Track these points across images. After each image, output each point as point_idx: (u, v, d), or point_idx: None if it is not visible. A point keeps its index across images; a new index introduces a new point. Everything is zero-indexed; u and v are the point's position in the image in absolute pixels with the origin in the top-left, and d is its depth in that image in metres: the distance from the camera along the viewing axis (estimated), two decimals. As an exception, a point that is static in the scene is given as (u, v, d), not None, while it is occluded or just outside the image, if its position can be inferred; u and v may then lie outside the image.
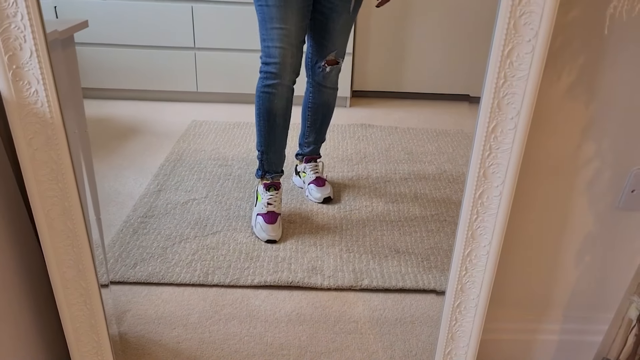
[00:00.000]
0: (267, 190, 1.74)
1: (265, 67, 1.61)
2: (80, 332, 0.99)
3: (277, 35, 1.56)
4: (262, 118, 1.67)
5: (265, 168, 1.75)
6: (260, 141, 1.71)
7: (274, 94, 1.63)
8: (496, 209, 0.89)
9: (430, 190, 1.98)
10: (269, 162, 1.75)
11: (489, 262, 0.93)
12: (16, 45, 0.76)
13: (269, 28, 1.56)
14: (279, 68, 1.60)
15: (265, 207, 1.71)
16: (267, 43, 1.59)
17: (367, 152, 2.26)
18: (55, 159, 0.84)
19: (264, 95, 1.63)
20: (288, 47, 1.59)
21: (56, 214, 0.88)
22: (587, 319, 1.24)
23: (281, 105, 1.65)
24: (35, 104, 0.80)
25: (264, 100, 1.64)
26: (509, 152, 0.84)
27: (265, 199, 1.73)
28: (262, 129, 1.69)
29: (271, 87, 1.62)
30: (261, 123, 1.68)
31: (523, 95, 0.79)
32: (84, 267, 0.93)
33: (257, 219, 1.71)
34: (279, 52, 1.58)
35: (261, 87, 1.63)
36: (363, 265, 1.58)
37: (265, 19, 1.56)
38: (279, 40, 1.57)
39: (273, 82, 1.61)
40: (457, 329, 1.01)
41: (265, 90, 1.63)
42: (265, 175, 1.76)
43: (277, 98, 1.64)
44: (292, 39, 1.59)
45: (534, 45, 0.76)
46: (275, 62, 1.59)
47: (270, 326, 1.37)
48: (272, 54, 1.59)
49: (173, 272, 1.52)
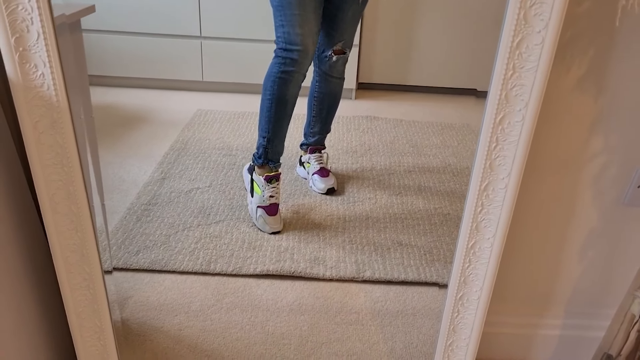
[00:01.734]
0: (269, 183, 1.71)
1: (285, 52, 1.58)
2: (82, 317, 0.99)
3: (299, 21, 1.54)
4: (274, 104, 1.63)
5: (269, 156, 1.72)
6: (267, 128, 1.68)
7: (290, 81, 1.60)
8: (501, 201, 0.88)
9: (434, 183, 1.97)
10: (273, 151, 1.72)
11: (493, 254, 0.93)
12: (23, 27, 0.76)
13: (289, 14, 1.53)
14: (301, 55, 1.57)
15: (268, 200, 1.69)
16: (287, 29, 1.55)
17: (372, 144, 2.26)
18: (60, 143, 0.84)
19: (280, 80, 1.60)
20: (309, 34, 1.57)
21: (61, 197, 0.88)
22: (589, 315, 1.24)
23: (294, 93, 1.63)
24: (41, 87, 0.80)
25: (279, 86, 1.61)
26: (516, 144, 0.83)
27: (267, 192, 1.70)
28: (271, 116, 1.66)
29: (289, 73, 1.59)
30: (272, 109, 1.65)
31: (531, 87, 0.79)
32: (87, 252, 0.93)
33: (258, 212, 1.69)
34: (301, 39, 1.56)
35: (277, 72, 1.60)
36: (365, 257, 1.58)
37: (284, 4, 1.53)
38: (300, 26, 1.55)
39: (291, 68, 1.58)
40: (459, 321, 1.01)
41: (282, 76, 1.60)
42: (267, 164, 1.73)
43: (292, 85, 1.61)
44: (312, 26, 1.57)
45: (543, 36, 0.75)
46: (298, 49, 1.56)
47: (271, 315, 1.37)
48: (293, 41, 1.56)
49: (176, 260, 1.52)
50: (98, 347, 1.03)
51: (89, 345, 1.02)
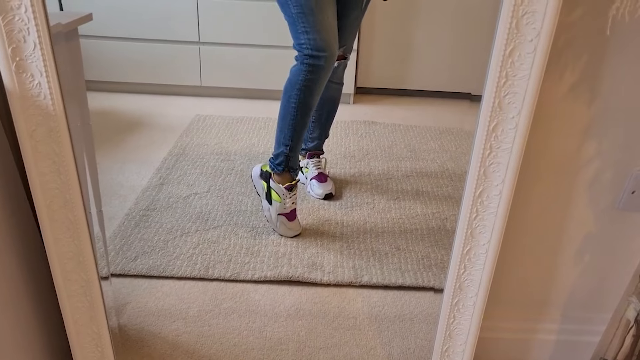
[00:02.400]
0: (289, 191, 1.67)
1: (312, 59, 1.53)
2: (80, 324, 0.99)
3: (324, 27, 1.52)
4: (300, 112, 1.59)
5: (291, 164, 1.68)
6: (291, 136, 1.63)
7: (316, 89, 1.58)
8: (496, 207, 0.89)
9: (432, 187, 1.98)
10: (294, 159, 1.68)
11: (488, 260, 0.94)
12: (20, 37, 0.77)
13: (312, 20, 1.50)
14: (329, 61, 1.54)
15: (289, 207, 1.68)
16: (313, 35, 1.51)
17: (370, 149, 2.27)
18: (57, 152, 0.85)
19: (306, 89, 1.56)
20: (334, 39, 1.55)
21: (57, 206, 0.89)
22: (585, 320, 1.24)
23: (316, 101, 1.62)
24: (38, 96, 0.80)
25: (306, 95, 1.57)
26: (509, 151, 0.84)
27: (289, 200, 1.67)
28: (296, 124, 1.61)
29: (315, 81, 1.56)
30: (297, 118, 1.60)
31: (524, 95, 0.79)
32: (84, 259, 0.94)
33: (279, 220, 1.67)
34: (328, 45, 1.53)
35: (304, 80, 1.55)
36: (363, 262, 1.59)
37: (306, 11, 1.49)
38: (326, 31, 1.52)
39: (318, 76, 1.55)
40: (454, 327, 1.01)
41: (308, 84, 1.56)
42: (289, 171, 1.69)
43: (318, 92, 1.59)
44: (335, 30, 1.56)
45: (535, 45, 0.76)
46: (325, 55, 1.52)
47: (269, 321, 1.37)
48: (320, 47, 1.52)
49: (174, 266, 1.53)
50: (96, 354, 1.03)
51: (86, 352, 1.03)
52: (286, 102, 1.61)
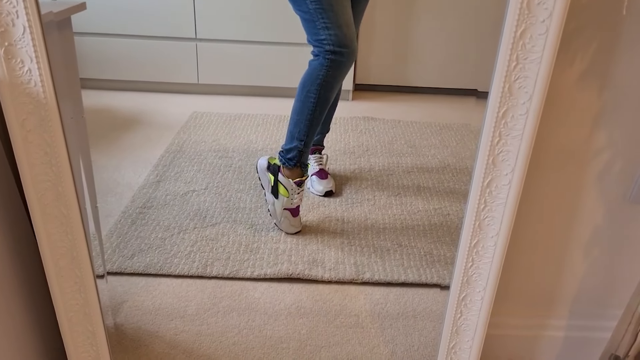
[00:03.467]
0: (299, 186, 1.64)
1: (335, 55, 1.50)
2: (74, 322, 0.96)
3: (344, 21, 1.50)
4: (319, 108, 1.57)
5: (303, 159, 1.65)
6: (306, 132, 1.60)
7: (335, 86, 1.56)
8: (505, 198, 0.86)
9: (433, 183, 1.94)
10: (306, 154, 1.66)
11: (497, 253, 0.90)
12: (8, 21, 0.73)
13: (332, 15, 1.48)
14: (351, 56, 1.53)
15: (295, 203, 1.65)
16: (335, 31, 1.49)
17: (370, 145, 2.23)
18: (48, 142, 0.81)
19: (327, 85, 1.54)
20: (354, 34, 1.53)
21: (50, 199, 0.85)
22: (595, 315, 1.21)
23: (334, 96, 1.60)
24: (28, 83, 0.77)
25: (326, 90, 1.55)
26: (520, 138, 0.81)
27: (297, 196, 1.64)
28: (313, 120, 1.59)
29: (336, 77, 1.54)
30: (316, 113, 1.58)
31: (535, 79, 0.76)
32: (78, 255, 0.90)
33: (284, 214, 1.64)
34: (350, 41, 1.51)
35: (325, 76, 1.53)
36: (365, 259, 1.55)
37: (325, 6, 1.47)
38: (347, 27, 1.51)
39: (340, 71, 1.54)
40: (462, 322, 0.98)
41: (330, 80, 1.54)
42: (300, 167, 1.65)
43: (336, 88, 1.58)
44: (353, 26, 1.54)
45: (548, 26, 0.73)
46: (348, 51, 1.51)
47: (269, 319, 1.34)
48: (343, 43, 1.50)
49: (171, 263, 1.49)
50: (91, 353, 1.00)
51: (81, 351, 0.99)
52: (304, 97, 1.58)
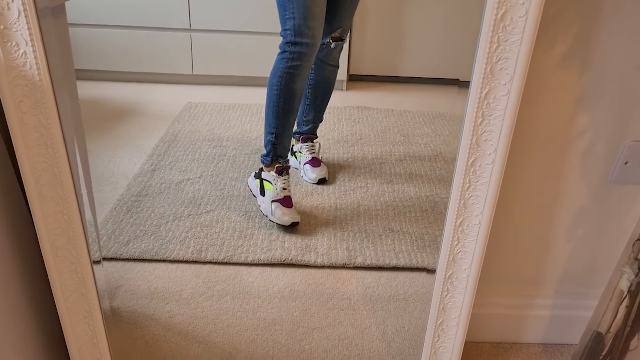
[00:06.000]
0: (280, 175, 1.67)
1: (294, 47, 1.55)
2: (71, 301, 0.98)
3: (310, 14, 1.52)
4: (283, 99, 1.60)
5: (278, 152, 1.68)
6: (276, 124, 1.64)
7: (299, 75, 1.58)
8: (488, 177, 0.88)
9: (425, 171, 1.97)
10: (282, 146, 1.68)
11: (481, 232, 0.93)
12: (3, 4, 0.75)
13: (302, 6, 1.51)
14: (311, 48, 1.56)
15: (282, 192, 1.66)
16: (298, 22, 1.52)
17: (363, 134, 2.26)
18: (44, 123, 0.83)
19: (288, 76, 1.57)
20: (319, 26, 1.56)
21: (46, 180, 0.87)
22: (580, 294, 1.24)
23: (301, 86, 1.62)
24: (23, 66, 0.79)
25: (287, 81, 1.58)
26: (502, 119, 0.83)
27: (280, 184, 1.66)
28: (280, 111, 1.62)
29: (297, 68, 1.57)
30: (280, 104, 1.61)
31: (516, 60, 0.79)
32: (74, 235, 0.93)
33: (273, 206, 1.65)
34: (312, 33, 1.54)
35: (286, 67, 1.57)
36: (357, 244, 1.58)
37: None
38: (312, 19, 1.53)
39: (300, 62, 1.56)
40: (448, 300, 1.01)
41: (291, 72, 1.57)
42: (277, 160, 1.69)
43: (301, 79, 1.60)
44: (322, 18, 1.56)
45: (527, 8, 0.75)
46: (308, 43, 1.54)
47: (263, 302, 1.37)
48: (304, 34, 1.53)
49: (166, 249, 1.52)
50: (87, 332, 1.02)
51: (78, 330, 1.01)
52: (269, 90, 1.62)
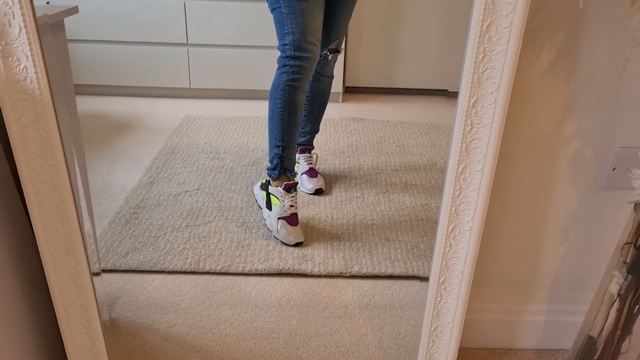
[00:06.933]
0: (288, 192, 1.67)
1: (294, 60, 1.57)
2: (70, 311, 1.00)
3: (309, 29, 1.56)
4: (287, 112, 1.62)
5: (285, 165, 1.68)
6: (281, 137, 1.65)
7: (300, 88, 1.61)
8: (478, 184, 0.90)
9: (420, 181, 1.99)
10: (289, 159, 1.69)
11: (472, 237, 0.95)
12: (5, 21, 0.78)
13: (301, 21, 1.54)
14: (310, 62, 1.58)
15: (289, 210, 1.66)
16: (298, 36, 1.55)
17: (359, 144, 2.28)
18: (44, 136, 0.86)
19: (290, 88, 1.60)
20: (317, 41, 1.59)
21: (46, 191, 0.89)
22: (573, 299, 1.26)
23: (303, 99, 1.65)
24: (24, 80, 0.81)
25: (289, 94, 1.60)
26: (490, 126, 0.86)
27: (287, 201, 1.66)
28: (284, 124, 1.64)
29: (298, 81, 1.59)
30: (284, 117, 1.63)
31: (502, 70, 0.81)
32: (73, 245, 0.94)
33: (279, 223, 1.65)
34: (311, 47, 1.57)
35: (287, 80, 1.59)
36: (353, 253, 1.60)
37: (296, 11, 1.54)
38: (310, 34, 1.56)
39: (300, 76, 1.59)
40: (442, 305, 1.02)
41: (292, 84, 1.59)
42: (285, 173, 1.69)
43: (302, 91, 1.62)
44: (319, 33, 1.60)
45: (511, 19, 0.78)
46: (307, 56, 1.57)
47: (260, 311, 1.38)
48: (303, 48, 1.56)
49: (165, 260, 1.53)
50: (87, 342, 1.04)
51: (77, 340, 1.03)
52: (272, 104, 1.64)
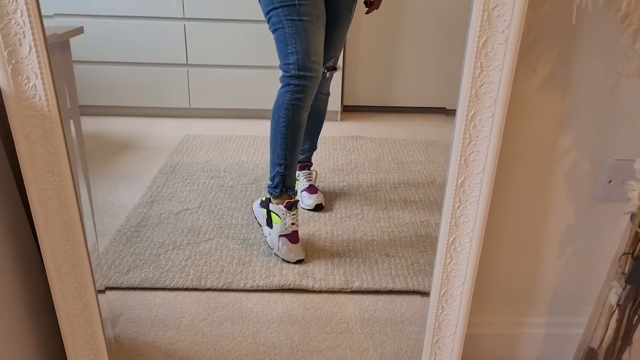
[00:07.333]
0: (289, 210, 1.68)
1: (298, 80, 1.59)
2: (75, 326, 1.00)
3: (312, 49, 1.58)
4: (290, 131, 1.64)
5: (287, 184, 1.70)
6: (284, 155, 1.66)
7: (303, 107, 1.63)
8: (477, 196, 0.92)
9: (419, 197, 2.01)
10: (290, 177, 1.70)
11: (472, 249, 0.96)
12: (15, 40, 0.80)
13: (305, 41, 1.57)
14: (314, 81, 1.61)
15: (290, 228, 1.67)
16: (301, 56, 1.57)
17: (358, 162, 2.30)
18: (52, 152, 0.87)
19: (294, 107, 1.61)
20: (320, 60, 1.62)
21: (52, 206, 0.91)
22: (573, 312, 1.27)
23: (305, 118, 1.66)
24: (33, 97, 0.83)
25: (293, 113, 1.62)
26: (488, 140, 0.88)
27: (289, 219, 1.67)
28: (288, 143, 1.65)
29: (301, 100, 1.61)
30: (288, 136, 1.64)
31: (499, 84, 0.84)
32: (78, 260, 0.96)
33: (280, 241, 1.65)
34: (315, 67, 1.59)
35: (291, 99, 1.61)
36: (354, 269, 1.61)
37: (300, 31, 1.56)
38: (314, 53, 1.59)
39: (304, 95, 1.61)
40: (443, 317, 1.03)
41: (296, 103, 1.61)
42: (286, 191, 1.71)
43: (305, 110, 1.64)
44: (321, 52, 1.63)
45: (507, 36, 0.81)
46: (311, 76, 1.59)
47: (262, 327, 1.39)
48: (308, 68, 1.58)
49: (166, 277, 1.54)
50: (90, 358, 1.04)
51: (81, 356, 1.03)
52: (275, 123, 1.65)
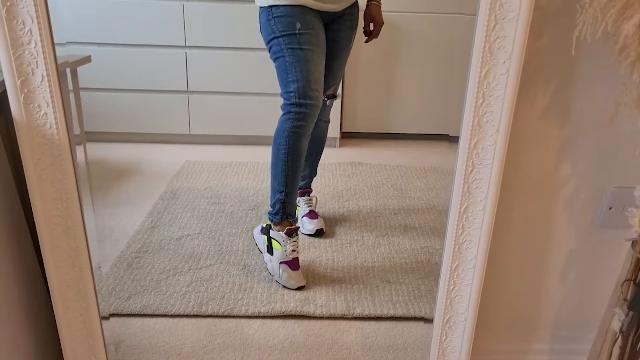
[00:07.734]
0: (290, 237, 1.68)
1: (299, 107, 1.61)
2: (78, 352, 1.00)
3: (313, 77, 1.60)
4: (291, 158, 1.65)
5: (288, 210, 1.70)
6: (285, 182, 1.67)
7: (304, 134, 1.64)
8: (480, 222, 0.93)
9: (419, 223, 2.02)
10: (291, 204, 1.71)
11: (476, 275, 0.97)
12: (29, 70, 0.82)
13: (305, 70, 1.59)
14: (314, 109, 1.62)
15: (291, 254, 1.67)
16: (302, 84, 1.59)
17: (358, 188, 2.32)
18: (60, 179, 0.88)
19: (294, 135, 1.63)
20: (320, 88, 1.64)
21: (59, 232, 0.92)
22: (575, 339, 1.27)
23: (306, 145, 1.67)
24: (44, 125, 0.85)
25: (294, 141, 1.63)
26: (490, 167, 0.89)
27: (289, 246, 1.67)
28: (289, 170, 1.66)
29: (302, 127, 1.63)
30: (289, 163, 1.65)
31: (500, 113, 0.86)
32: (84, 287, 0.96)
33: (281, 268, 1.66)
34: (315, 94, 1.61)
35: (292, 127, 1.62)
36: (355, 295, 1.61)
37: (301, 60, 1.59)
38: (314, 81, 1.61)
39: (304, 122, 1.62)
40: (447, 344, 1.04)
41: (296, 131, 1.62)
42: (287, 218, 1.71)
43: (305, 137, 1.66)
44: (322, 81, 1.65)
45: (508, 67, 0.83)
46: (312, 104, 1.61)
47: (264, 354, 1.38)
48: (308, 96, 1.60)
49: (167, 304, 1.53)
50: (93, 385, 1.04)
51: (84, 383, 1.03)
52: (276, 150, 1.67)
